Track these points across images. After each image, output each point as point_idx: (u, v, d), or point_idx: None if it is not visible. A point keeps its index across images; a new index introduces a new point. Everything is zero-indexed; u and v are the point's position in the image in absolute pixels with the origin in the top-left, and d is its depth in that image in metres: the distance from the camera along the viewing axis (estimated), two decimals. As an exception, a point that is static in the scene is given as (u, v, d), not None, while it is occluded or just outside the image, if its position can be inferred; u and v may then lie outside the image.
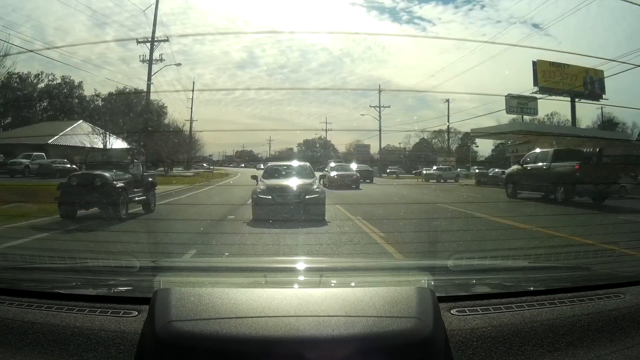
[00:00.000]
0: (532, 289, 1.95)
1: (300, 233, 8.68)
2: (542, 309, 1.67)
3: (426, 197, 17.11)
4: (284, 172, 12.24)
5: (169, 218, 11.50)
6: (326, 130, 35.06)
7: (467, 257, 3.38)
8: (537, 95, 23.80)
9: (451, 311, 1.61)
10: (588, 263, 3.18)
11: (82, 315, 1.57)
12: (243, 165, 40.54)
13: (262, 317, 1.39)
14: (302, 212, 9.94)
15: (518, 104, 25.83)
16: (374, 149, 39.46)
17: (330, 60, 63.70)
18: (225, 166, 40.63)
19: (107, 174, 11.19)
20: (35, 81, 20.93)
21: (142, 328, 1.45)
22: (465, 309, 1.63)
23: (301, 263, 2.84)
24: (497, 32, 50.19)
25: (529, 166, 16.05)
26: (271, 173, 12.15)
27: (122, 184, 11.22)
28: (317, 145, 39.84)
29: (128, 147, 16.79)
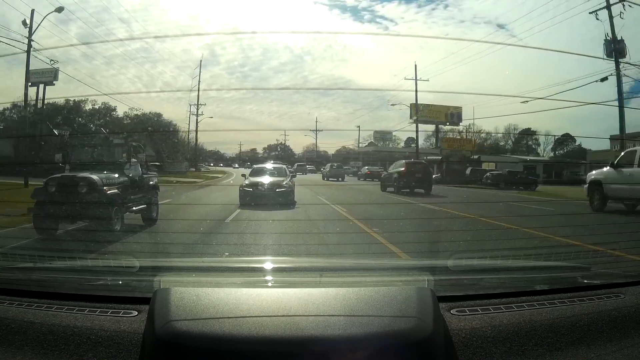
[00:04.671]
0: (532, 289, 1.94)
1: (277, 211, 12.28)
2: (542, 309, 1.67)
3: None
4: (264, 172, 15.88)
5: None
6: (285, 136, 45.51)
7: (467, 257, 3.39)
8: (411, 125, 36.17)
9: (451, 311, 1.61)
10: (588, 263, 3.18)
11: (82, 315, 1.57)
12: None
13: (262, 316, 1.39)
14: (274, 200, 13.59)
15: (381, 136, 45.15)
16: (334, 149, 49.61)
17: (291, 58, 63.48)
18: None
19: (94, 177, 8.71)
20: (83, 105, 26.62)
21: (144, 328, 1.45)
22: (465, 308, 1.63)
23: (301, 263, 2.83)
24: (460, 31, 51.46)
25: (328, 167, 30.11)
26: (255, 172, 16.01)
27: (116, 190, 8.88)
28: (278, 149, 49.45)
29: (123, 142, 13.77)
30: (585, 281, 2.18)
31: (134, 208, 9.47)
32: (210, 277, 2.38)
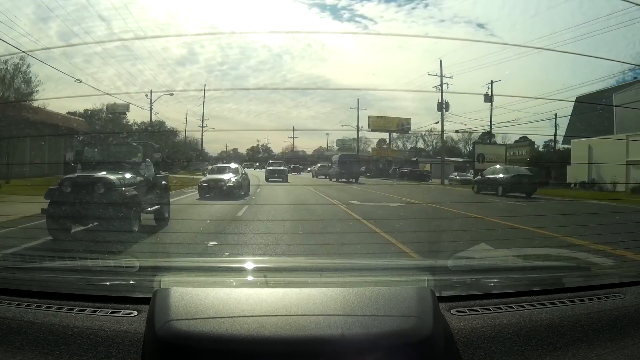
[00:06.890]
0: (532, 289, 1.94)
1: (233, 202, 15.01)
2: (542, 309, 1.67)
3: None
4: (220, 170, 18.60)
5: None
6: (267, 139, 49.14)
7: (467, 257, 3.39)
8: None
9: (451, 311, 1.61)
10: (588, 263, 3.19)
11: (82, 315, 1.57)
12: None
13: (262, 316, 1.39)
14: (224, 192, 16.16)
15: (343, 143, 49.88)
16: (311, 149, 52.96)
17: (270, 57, 62.93)
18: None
19: (112, 177, 8.52)
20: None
21: (144, 328, 1.45)
22: (465, 308, 1.63)
23: (301, 263, 2.83)
24: (440, 31, 51.97)
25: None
26: (213, 171, 18.89)
27: (134, 191, 8.67)
28: (261, 150, 53.61)
29: (138, 142, 13.25)
30: (585, 281, 2.18)
31: (149, 209, 9.36)
32: (210, 277, 2.38)
